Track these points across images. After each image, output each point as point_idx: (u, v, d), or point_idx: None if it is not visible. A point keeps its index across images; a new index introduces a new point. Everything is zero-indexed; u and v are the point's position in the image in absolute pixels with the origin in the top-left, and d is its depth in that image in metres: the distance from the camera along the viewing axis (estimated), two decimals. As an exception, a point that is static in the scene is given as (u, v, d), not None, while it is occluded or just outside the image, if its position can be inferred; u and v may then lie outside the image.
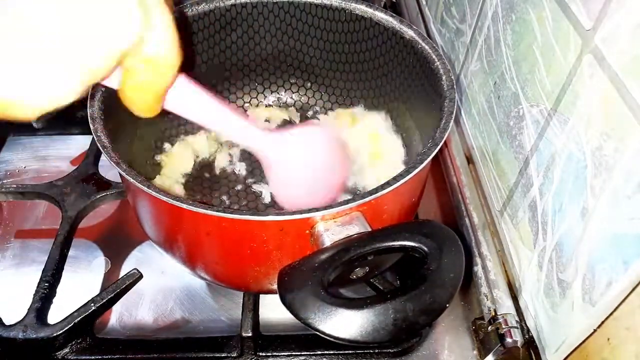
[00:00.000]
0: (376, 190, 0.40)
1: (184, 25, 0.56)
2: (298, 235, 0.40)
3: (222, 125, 0.44)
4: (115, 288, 0.50)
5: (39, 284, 0.51)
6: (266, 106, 0.67)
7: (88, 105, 0.46)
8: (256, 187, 0.59)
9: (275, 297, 0.37)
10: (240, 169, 0.61)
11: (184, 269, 0.50)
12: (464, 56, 0.61)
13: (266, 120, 0.66)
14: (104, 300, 0.49)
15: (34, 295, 0.50)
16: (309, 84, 0.66)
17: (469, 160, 0.60)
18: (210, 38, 0.59)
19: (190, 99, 0.41)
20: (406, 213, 0.49)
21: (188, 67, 0.37)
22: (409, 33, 0.54)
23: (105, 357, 0.48)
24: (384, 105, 0.62)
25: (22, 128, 0.71)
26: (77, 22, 0.29)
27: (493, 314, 0.48)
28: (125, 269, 0.56)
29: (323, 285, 0.35)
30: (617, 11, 0.33)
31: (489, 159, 0.55)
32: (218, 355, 0.48)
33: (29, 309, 0.49)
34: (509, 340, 0.45)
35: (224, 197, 0.59)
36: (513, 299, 0.48)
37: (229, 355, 0.48)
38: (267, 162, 0.48)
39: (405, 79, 0.57)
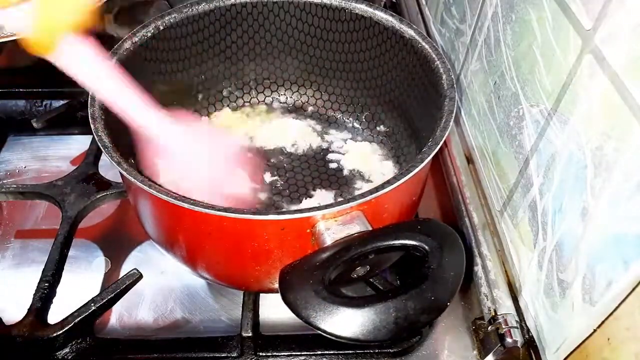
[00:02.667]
0: (377, 189, 0.40)
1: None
2: (299, 235, 0.40)
3: (114, 96, 0.45)
4: (115, 288, 0.50)
5: (39, 284, 0.51)
6: (265, 106, 0.67)
7: (89, 105, 0.46)
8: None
9: (276, 297, 0.37)
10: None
11: (184, 268, 0.50)
12: (464, 56, 0.61)
13: (264, 120, 0.66)
14: (104, 300, 0.49)
15: (34, 295, 0.50)
16: (308, 84, 0.66)
17: (469, 160, 0.60)
18: (210, 38, 0.59)
19: (82, 57, 0.43)
20: (406, 212, 0.49)
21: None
22: (409, 32, 0.54)
23: (105, 357, 0.48)
24: (384, 105, 0.62)
25: (22, 128, 0.71)
26: None
27: (493, 314, 0.48)
28: (125, 269, 0.56)
29: (324, 284, 0.35)
30: (617, 11, 0.33)
31: (489, 159, 0.55)
32: (218, 355, 0.48)
33: (29, 309, 0.49)
34: (509, 340, 0.45)
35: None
36: (513, 299, 0.48)
37: (229, 355, 0.48)
38: (153, 145, 0.47)
39: (405, 78, 0.57)
